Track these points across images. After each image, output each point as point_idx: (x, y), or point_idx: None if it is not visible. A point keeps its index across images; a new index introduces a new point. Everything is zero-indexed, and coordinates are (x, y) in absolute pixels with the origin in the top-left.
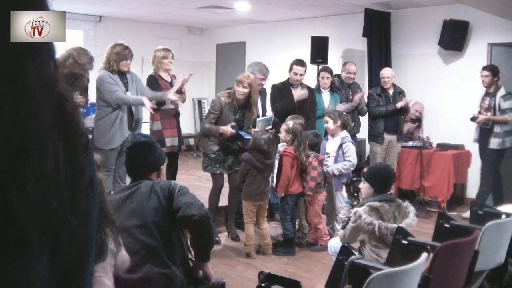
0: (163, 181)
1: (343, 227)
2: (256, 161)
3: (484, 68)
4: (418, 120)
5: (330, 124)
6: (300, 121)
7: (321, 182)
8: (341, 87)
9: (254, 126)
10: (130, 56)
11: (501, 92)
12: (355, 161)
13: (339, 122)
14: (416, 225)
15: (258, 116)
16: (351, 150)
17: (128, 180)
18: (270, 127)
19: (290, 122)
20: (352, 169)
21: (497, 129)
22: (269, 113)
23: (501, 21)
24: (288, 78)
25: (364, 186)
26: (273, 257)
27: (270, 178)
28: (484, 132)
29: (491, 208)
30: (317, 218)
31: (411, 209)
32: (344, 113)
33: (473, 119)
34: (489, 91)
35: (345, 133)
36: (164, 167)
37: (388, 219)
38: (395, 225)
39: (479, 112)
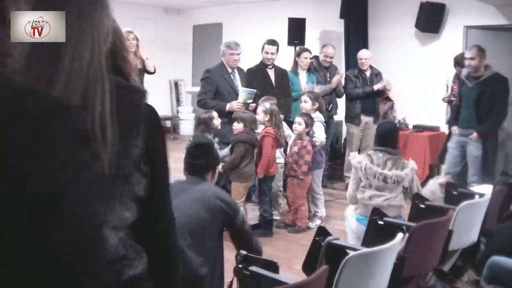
0: (225, 194)
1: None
2: (255, 140)
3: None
4: (389, 99)
5: (308, 104)
6: (273, 101)
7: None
8: (319, 68)
9: None
10: None
11: None
12: (322, 139)
13: (316, 104)
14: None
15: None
16: (318, 128)
17: None
18: (251, 101)
19: (266, 104)
20: (320, 147)
21: None
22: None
23: (477, 4)
24: (262, 60)
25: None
26: None
27: None
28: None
29: (465, 189)
30: (301, 200)
31: (411, 166)
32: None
33: (449, 101)
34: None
35: (317, 114)
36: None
37: (377, 165)
38: (379, 169)
39: (454, 95)
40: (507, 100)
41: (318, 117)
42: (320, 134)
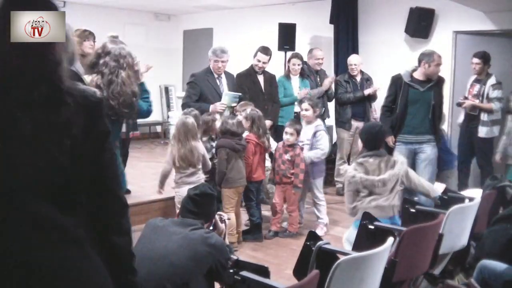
0: (215, 238)
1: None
2: (234, 144)
3: (475, 55)
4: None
5: (310, 112)
6: (251, 107)
7: None
8: (309, 73)
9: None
10: (91, 37)
11: (492, 80)
12: (326, 149)
13: (317, 111)
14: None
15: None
16: (323, 139)
17: None
18: (235, 104)
19: (248, 109)
20: (323, 157)
21: (484, 117)
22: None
23: (466, 9)
24: (252, 65)
25: (360, 144)
26: (241, 244)
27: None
28: (470, 118)
29: (455, 193)
30: (294, 206)
31: (400, 160)
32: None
33: (459, 104)
34: (480, 78)
35: (319, 122)
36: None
37: (373, 171)
38: (375, 177)
39: (465, 98)
40: None
41: (320, 125)
42: (325, 144)
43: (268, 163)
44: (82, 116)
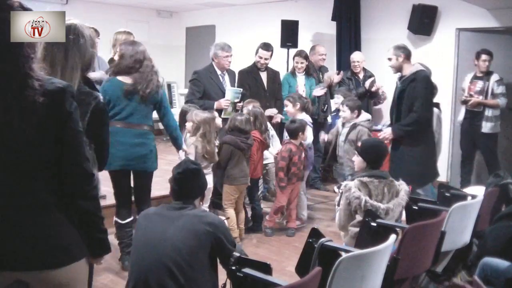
0: (211, 216)
1: (338, 203)
2: (240, 142)
3: (484, 52)
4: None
5: (289, 107)
6: (256, 104)
7: None
8: (313, 70)
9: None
10: (96, 34)
11: (495, 76)
12: (309, 141)
13: (298, 105)
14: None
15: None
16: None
17: None
18: (238, 99)
19: (249, 106)
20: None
21: (488, 113)
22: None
23: (469, 6)
24: (254, 62)
25: (357, 159)
26: (244, 241)
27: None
28: (473, 115)
29: (458, 190)
30: (294, 202)
31: (403, 188)
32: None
33: (465, 102)
34: (479, 75)
35: (303, 115)
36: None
37: (376, 195)
38: (380, 204)
39: (470, 95)
40: (426, 99)
41: (303, 119)
42: (307, 136)
43: (266, 161)
44: (47, 99)
